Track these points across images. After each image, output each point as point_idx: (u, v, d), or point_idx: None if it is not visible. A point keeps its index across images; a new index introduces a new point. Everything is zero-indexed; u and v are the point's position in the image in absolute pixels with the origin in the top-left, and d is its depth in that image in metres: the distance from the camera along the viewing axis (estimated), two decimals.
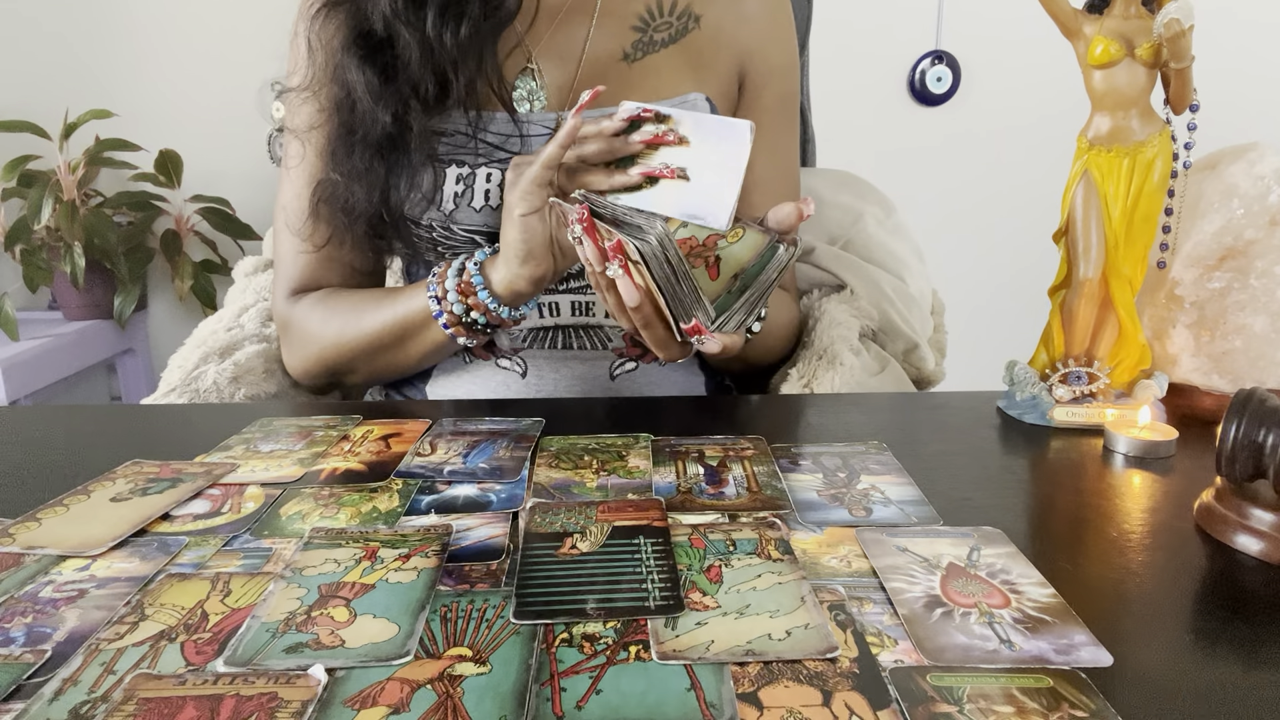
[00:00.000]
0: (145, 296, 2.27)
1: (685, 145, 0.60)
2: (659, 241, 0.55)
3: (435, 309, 0.75)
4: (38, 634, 0.40)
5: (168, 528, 0.50)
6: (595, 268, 0.58)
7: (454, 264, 0.74)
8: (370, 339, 0.79)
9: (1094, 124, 0.65)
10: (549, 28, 0.81)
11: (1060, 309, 0.69)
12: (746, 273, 0.59)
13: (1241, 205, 0.67)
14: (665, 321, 0.59)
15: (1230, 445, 0.48)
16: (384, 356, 0.81)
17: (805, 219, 0.60)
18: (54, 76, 2.14)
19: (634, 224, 0.57)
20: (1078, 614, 0.41)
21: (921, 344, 0.98)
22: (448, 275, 0.74)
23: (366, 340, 0.80)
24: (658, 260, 0.55)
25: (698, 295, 0.57)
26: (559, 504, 0.53)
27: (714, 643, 0.38)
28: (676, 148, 0.61)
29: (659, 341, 0.61)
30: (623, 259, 0.56)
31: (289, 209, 0.83)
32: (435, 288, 0.74)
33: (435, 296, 0.74)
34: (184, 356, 0.86)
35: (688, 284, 0.57)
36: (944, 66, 2.18)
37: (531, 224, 0.68)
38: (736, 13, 0.84)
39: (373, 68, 0.74)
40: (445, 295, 0.74)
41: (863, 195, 1.08)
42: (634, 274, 0.57)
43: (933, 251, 1.19)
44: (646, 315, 0.59)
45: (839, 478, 0.57)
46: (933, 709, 0.34)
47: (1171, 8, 0.58)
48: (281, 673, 0.37)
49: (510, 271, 0.70)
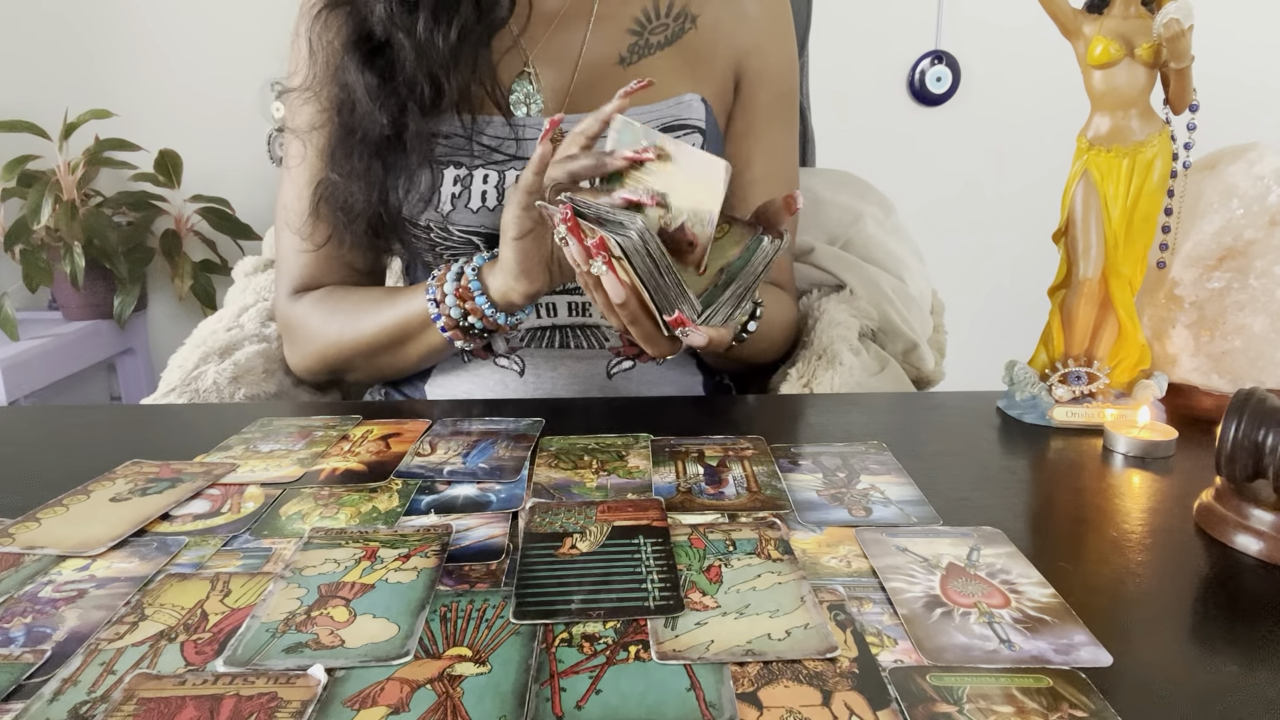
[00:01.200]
0: (145, 296, 2.27)
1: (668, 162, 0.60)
2: (639, 235, 0.55)
3: (433, 312, 0.75)
4: (37, 634, 0.40)
5: (167, 528, 0.50)
6: (581, 267, 0.59)
7: (453, 268, 0.75)
8: (369, 339, 0.80)
9: (1094, 124, 0.65)
10: (545, 32, 0.81)
11: (1060, 309, 0.69)
12: (732, 266, 0.59)
13: (1241, 205, 0.67)
14: (652, 316, 0.60)
15: (1230, 445, 0.48)
16: (383, 356, 0.81)
17: (795, 213, 0.60)
18: (54, 76, 2.14)
19: (616, 220, 0.57)
20: (1077, 614, 0.41)
21: (921, 344, 0.98)
22: (446, 279, 0.74)
23: (366, 340, 0.80)
24: (639, 254, 0.56)
25: (682, 289, 0.57)
26: (559, 504, 0.53)
27: (714, 643, 0.38)
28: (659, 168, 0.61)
29: (647, 337, 0.61)
30: (606, 255, 0.56)
31: (290, 208, 0.83)
32: (434, 291, 0.75)
33: (433, 300, 0.75)
34: (184, 356, 0.86)
35: (670, 277, 0.57)
36: (944, 66, 2.18)
37: (524, 246, 0.68)
38: (734, 11, 0.84)
39: (371, 70, 0.75)
40: (443, 299, 0.74)
41: (862, 195, 1.08)
42: (618, 270, 0.57)
43: (932, 251, 1.19)
44: (633, 311, 0.59)
45: (839, 478, 0.57)
46: (932, 709, 0.34)
47: (1171, 8, 0.58)
48: (281, 673, 0.37)
49: (505, 284, 0.71)
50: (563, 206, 0.57)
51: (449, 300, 0.74)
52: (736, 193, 0.89)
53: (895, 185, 1.18)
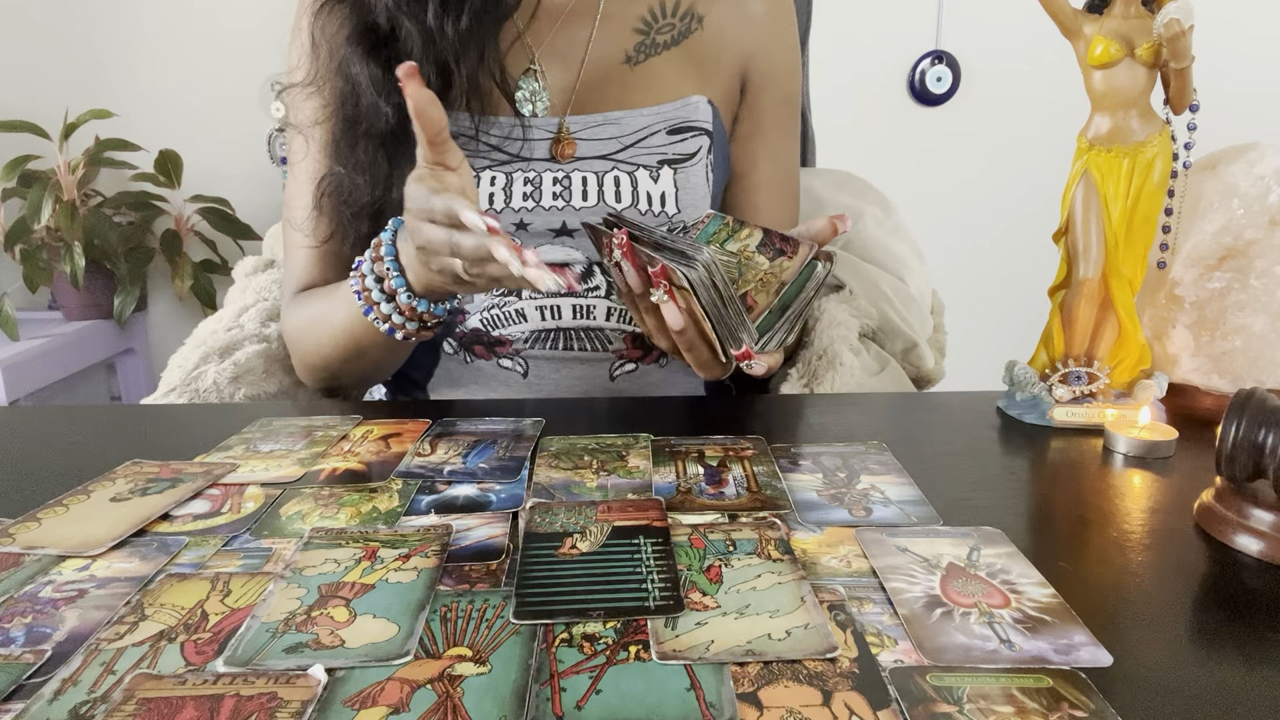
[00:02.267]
0: (145, 296, 2.27)
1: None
2: (705, 268, 0.55)
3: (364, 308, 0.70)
4: (38, 634, 0.40)
5: (168, 528, 0.50)
6: (636, 291, 0.58)
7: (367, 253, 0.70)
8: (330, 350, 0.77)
9: (1094, 124, 0.65)
10: (551, 29, 0.81)
11: (1060, 309, 0.69)
12: (786, 291, 0.60)
13: (1241, 205, 0.67)
14: (709, 344, 0.60)
15: (1230, 445, 0.48)
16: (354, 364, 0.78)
17: (840, 234, 0.61)
18: (54, 76, 2.14)
19: (676, 249, 0.57)
20: (1077, 614, 0.41)
21: (921, 343, 0.98)
22: (367, 275, 0.70)
23: (331, 350, 0.77)
24: (704, 287, 0.56)
25: (743, 319, 0.58)
26: (559, 504, 0.53)
27: (714, 643, 0.38)
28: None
29: (703, 364, 0.61)
30: (667, 285, 0.56)
31: (293, 204, 0.83)
32: (356, 282, 0.70)
33: (357, 291, 0.70)
34: (184, 356, 0.86)
35: (734, 308, 0.57)
36: (944, 66, 2.18)
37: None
38: (740, 13, 0.84)
39: (376, 61, 0.74)
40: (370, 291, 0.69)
41: (862, 195, 1.08)
42: (678, 299, 0.57)
43: (932, 251, 1.19)
44: (691, 339, 0.59)
45: (839, 478, 0.57)
46: (932, 709, 0.34)
47: (1171, 8, 0.58)
48: (281, 673, 0.37)
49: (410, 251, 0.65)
50: (618, 231, 0.57)
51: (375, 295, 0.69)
52: (740, 195, 0.89)
53: (895, 185, 1.18)
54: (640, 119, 0.79)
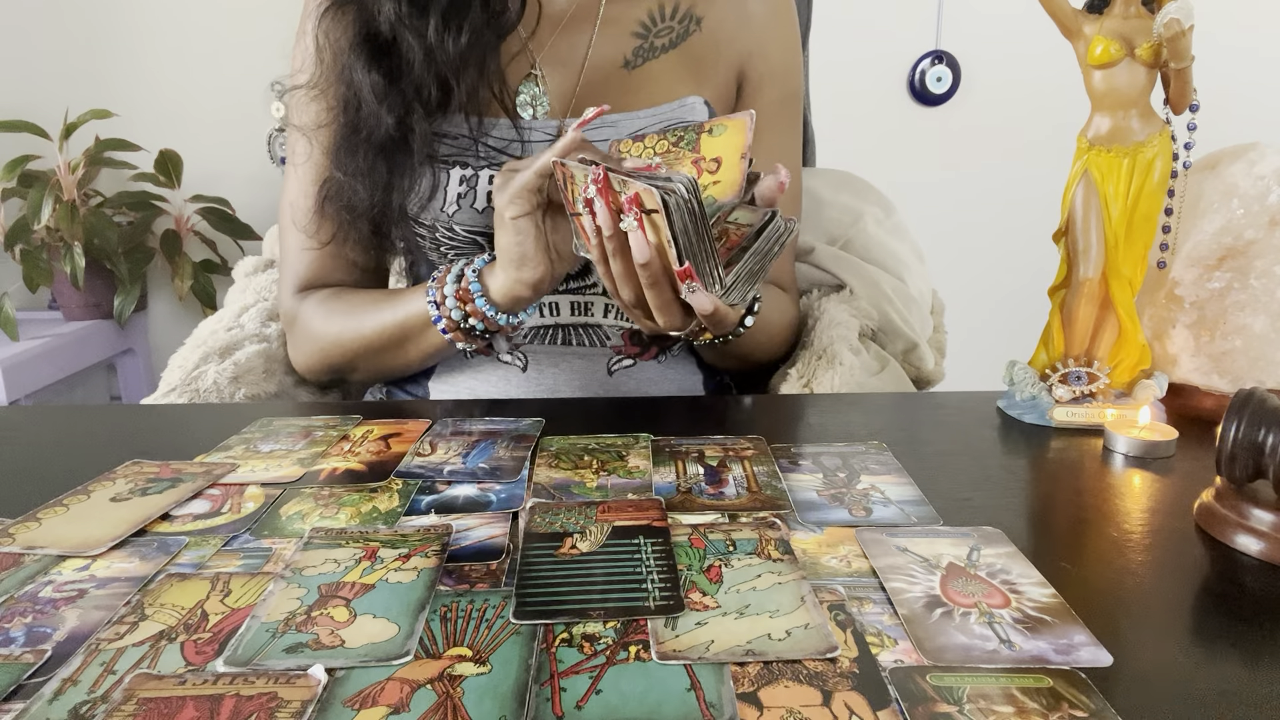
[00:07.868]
0: (145, 296, 2.27)
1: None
2: (686, 189, 0.54)
3: (434, 314, 0.75)
4: (38, 634, 0.40)
5: (168, 528, 0.50)
6: (606, 231, 0.58)
7: (453, 269, 0.75)
8: (371, 340, 0.80)
9: (1094, 124, 0.65)
10: (552, 34, 0.81)
11: (1060, 309, 0.69)
12: (743, 239, 0.60)
13: (1241, 205, 0.67)
14: (671, 282, 0.59)
15: (1230, 445, 0.48)
16: (384, 357, 0.81)
17: (784, 189, 0.61)
18: (54, 76, 2.14)
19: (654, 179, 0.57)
20: (1077, 614, 0.41)
21: (921, 344, 0.98)
22: (446, 281, 0.74)
23: (367, 341, 0.80)
24: (681, 210, 0.54)
25: (713, 255, 0.57)
26: (559, 504, 0.53)
27: (714, 643, 0.38)
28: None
29: (663, 304, 0.61)
30: (639, 211, 0.55)
31: (295, 205, 0.83)
32: (434, 293, 0.75)
33: (434, 301, 0.75)
34: (184, 356, 0.86)
35: (707, 235, 0.56)
36: (944, 66, 2.18)
37: (523, 226, 0.68)
38: (738, 12, 0.84)
39: (378, 69, 0.74)
40: (444, 301, 0.74)
41: (862, 195, 1.08)
42: (647, 231, 0.56)
43: (933, 251, 1.19)
44: (654, 273, 0.58)
45: (839, 478, 0.57)
46: (933, 709, 0.34)
47: (1171, 8, 0.58)
48: (281, 673, 0.37)
49: (508, 277, 0.70)
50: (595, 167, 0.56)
51: (449, 302, 0.74)
52: None
53: (895, 185, 1.18)
54: (637, 121, 0.79)
